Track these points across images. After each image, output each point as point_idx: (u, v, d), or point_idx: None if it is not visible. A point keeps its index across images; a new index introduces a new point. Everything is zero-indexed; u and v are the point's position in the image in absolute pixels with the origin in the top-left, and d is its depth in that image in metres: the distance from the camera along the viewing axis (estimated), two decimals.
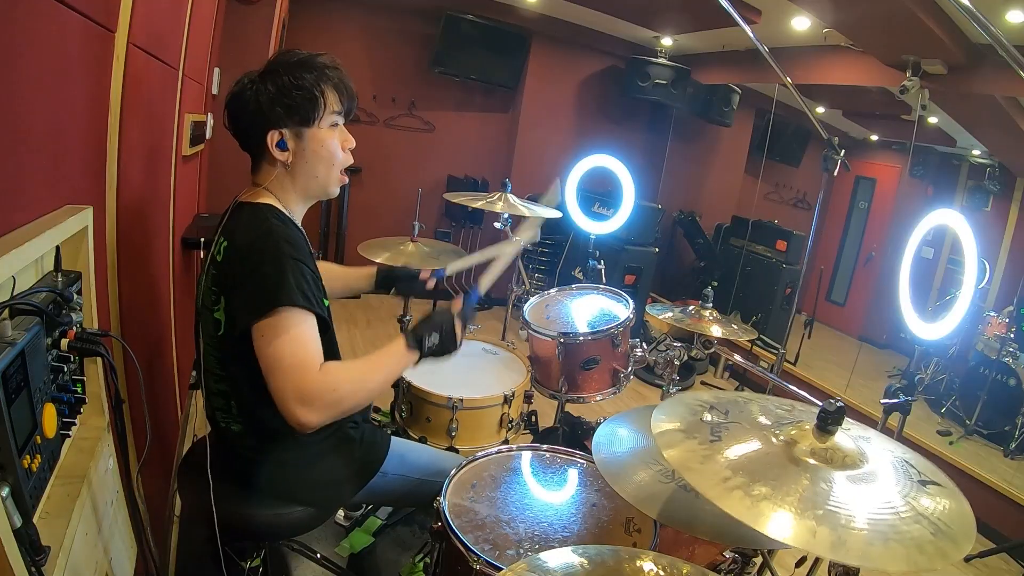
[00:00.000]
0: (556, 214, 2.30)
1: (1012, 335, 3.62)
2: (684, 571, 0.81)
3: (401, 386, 1.93)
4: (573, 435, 2.14)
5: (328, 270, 1.48)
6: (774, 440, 0.90)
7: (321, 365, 1.04)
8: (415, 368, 1.21)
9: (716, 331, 1.94)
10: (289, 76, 1.13)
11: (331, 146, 1.19)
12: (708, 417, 0.96)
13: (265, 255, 1.06)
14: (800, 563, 1.43)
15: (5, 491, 0.66)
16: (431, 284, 1.60)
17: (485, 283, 1.40)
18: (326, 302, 1.21)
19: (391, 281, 1.62)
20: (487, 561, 1.05)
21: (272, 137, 1.14)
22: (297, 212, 1.22)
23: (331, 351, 1.26)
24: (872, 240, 5.23)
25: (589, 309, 2.04)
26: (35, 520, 0.72)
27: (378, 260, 2.28)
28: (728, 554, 1.33)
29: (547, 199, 2.23)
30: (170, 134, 1.73)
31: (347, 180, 1.27)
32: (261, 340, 1.03)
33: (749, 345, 4.21)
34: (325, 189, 1.23)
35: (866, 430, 0.99)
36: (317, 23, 4.23)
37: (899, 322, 2.29)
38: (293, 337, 1.03)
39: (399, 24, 4.47)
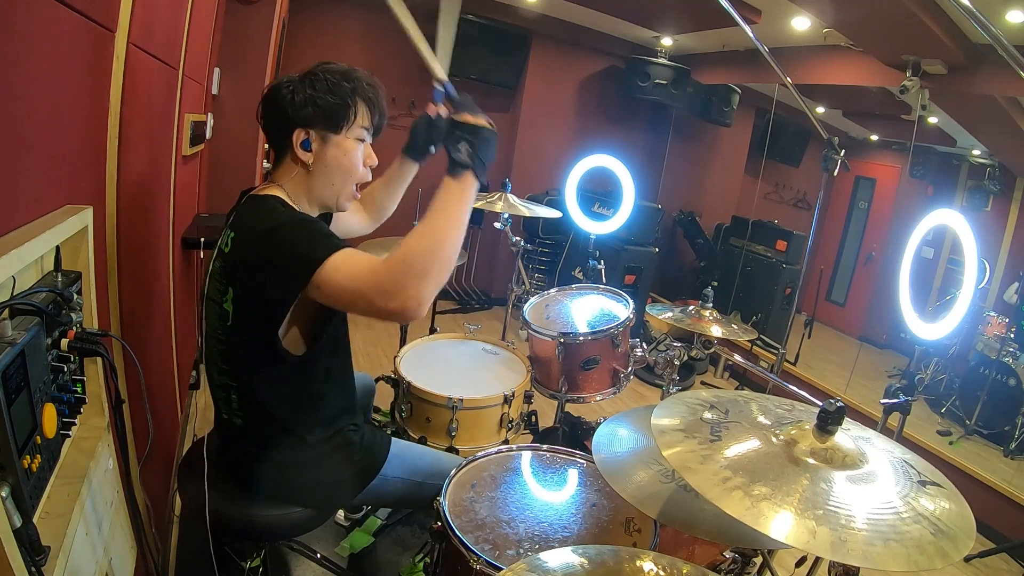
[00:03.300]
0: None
1: (1012, 335, 3.62)
2: (684, 571, 0.81)
3: (401, 386, 1.93)
4: (573, 435, 2.14)
5: (368, 192, 1.50)
6: (774, 440, 0.90)
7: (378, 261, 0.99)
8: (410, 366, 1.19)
9: (716, 331, 1.94)
10: (327, 80, 1.15)
11: (353, 158, 1.20)
12: (708, 416, 0.96)
13: (282, 230, 1.05)
14: (800, 563, 1.43)
15: (5, 491, 0.66)
16: (445, 111, 1.33)
17: (441, 62, 1.27)
18: None
19: (421, 144, 1.47)
20: (487, 561, 1.05)
21: (298, 136, 1.15)
22: (305, 211, 1.22)
23: (343, 346, 1.27)
24: (872, 240, 5.24)
25: (589, 309, 2.04)
26: (35, 520, 0.72)
27: None
28: (728, 554, 1.33)
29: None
30: (170, 134, 1.73)
31: (359, 197, 1.28)
32: (320, 291, 0.99)
33: (749, 345, 4.22)
34: (337, 200, 1.23)
35: (866, 430, 0.99)
36: (317, 23, 4.22)
37: (899, 322, 2.29)
38: (346, 268, 0.99)
39: (399, 24, 4.47)
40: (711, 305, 2.02)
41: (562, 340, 1.80)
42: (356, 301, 0.98)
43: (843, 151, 2.30)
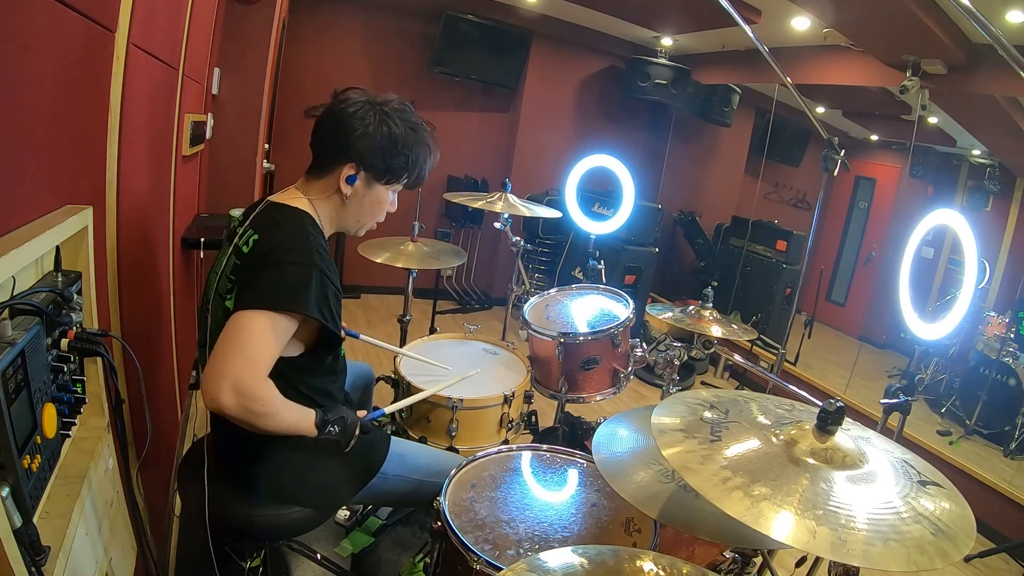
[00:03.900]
0: None
1: (1012, 335, 3.62)
2: (684, 571, 0.81)
3: (401, 386, 1.93)
4: (573, 435, 2.14)
5: None
6: (774, 440, 0.90)
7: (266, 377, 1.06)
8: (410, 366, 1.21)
9: (716, 331, 1.94)
10: (402, 129, 1.18)
11: (384, 205, 1.27)
12: (708, 416, 0.96)
13: (298, 256, 1.08)
14: (800, 563, 1.43)
15: (5, 491, 0.66)
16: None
17: (392, 407, 1.47)
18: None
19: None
20: (487, 561, 1.05)
21: (348, 169, 1.18)
22: (326, 231, 1.25)
23: (335, 367, 1.27)
24: (872, 240, 5.23)
25: (589, 309, 2.04)
26: (35, 520, 0.72)
27: (378, 260, 2.28)
28: (728, 554, 1.33)
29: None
30: (170, 134, 1.73)
31: (375, 227, 1.33)
32: (246, 320, 1.03)
33: (749, 345, 4.21)
34: (355, 230, 1.30)
35: (866, 430, 0.99)
36: (317, 23, 4.22)
37: (899, 322, 2.28)
38: (271, 339, 1.05)
39: (399, 24, 4.47)
40: (711, 305, 2.02)
41: (562, 340, 1.80)
42: (229, 347, 1.02)
43: (843, 151, 2.30)
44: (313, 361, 1.19)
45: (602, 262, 2.73)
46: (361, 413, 1.30)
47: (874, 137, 5.10)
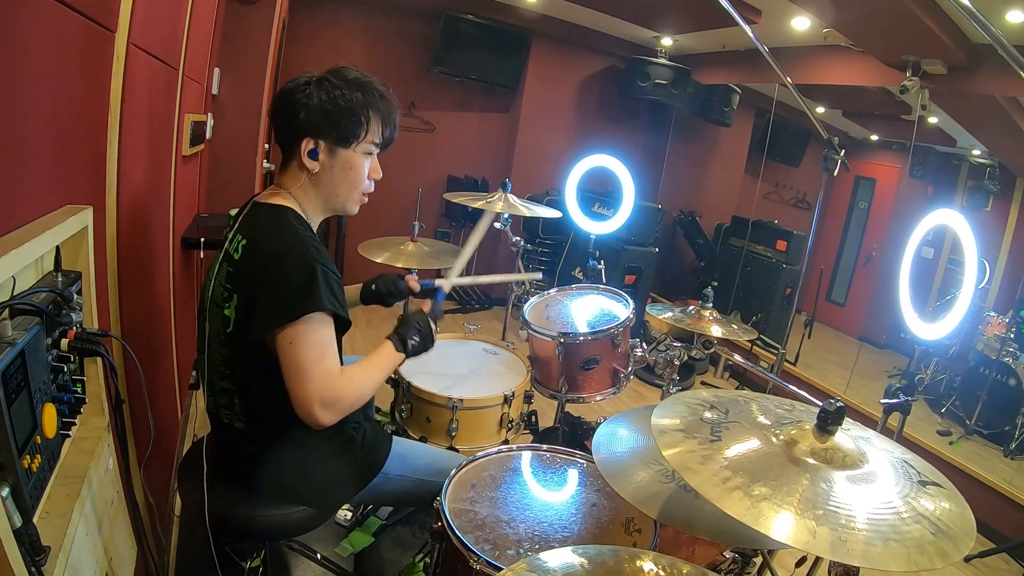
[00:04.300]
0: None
1: (1012, 335, 3.62)
2: (684, 571, 0.81)
3: (401, 386, 1.93)
4: (573, 435, 2.14)
5: None
6: (774, 440, 0.90)
7: (342, 370, 1.10)
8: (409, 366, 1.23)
9: (716, 331, 1.93)
10: (341, 90, 1.15)
11: (359, 171, 1.22)
12: (708, 416, 0.96)
13: (294, 260, 1.08)
14: (800, 563, 1.43)
15: (5, 491, 0.66)
16: (415, 286, 1.59)
17: (453, 276, 1.52)
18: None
19: (376, 298, 1.60)
20: (487, 561, 1.05)
21: (306, 144, 1.16)
22: (315, 220, 1.24)
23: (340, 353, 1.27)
24: (872, 240, 5.23)
25: (589, 309, 2.04)
26: (35, 520, 0.72)
27: (378, 260, 2.28)
28: (728, 554, 1.33)
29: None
30: (170, 134, 1.73)
31: (367, 200, 1.29)
32: (287, 344, 1.05)
33: (749, 345, 4.21)
34: (344, 206, 1.26)
35: (866, 430, 0.99)
36: (317, 23, 4.22)
37: (899, 322, 2.29)
38: (318, 343, 1.07)
39: (399, 24, 4.47)
40: (711, 305, 2.02)
41: (562, 340, 1.80)
42: (299, 379, 1.06)
43: (843, 151, 2.30)
44: None
45: (602, 262, 2.73)
46: (425, 304, 1.35)
47: (874, 137, 5.10)
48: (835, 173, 2.34)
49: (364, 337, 3.77)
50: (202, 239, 2.12)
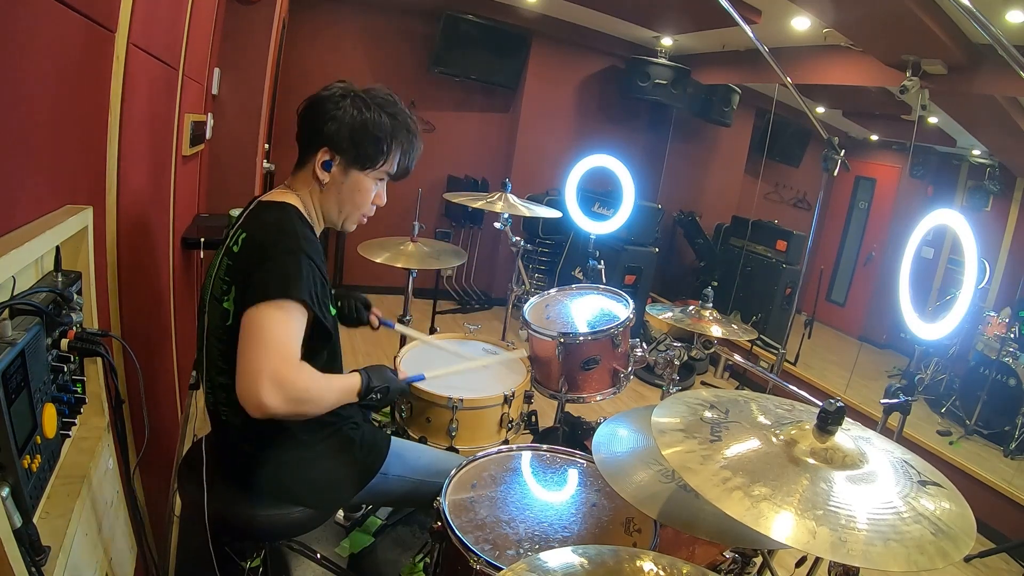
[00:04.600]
0: None
1: (1012, 335, 3.62)
2: (684, 571, 0.81)
3: None
4: (573, 435, 2.14)
5: None
6: (774, 440, 0.90)
7: (299, 362, 1.06)
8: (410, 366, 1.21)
9: (716, 331, 1.93)
10: (373, 114, 1.15)
11: (366, 195, 1.23)
12: (708, 416, 0.96)
13: (285, 245, 1.08)
14: (800, 563, 1.43)
15: (5, 491, 0.66)
16: (374, 323, 1.64)
17: (433, 375, 1.53)
18: (333, 311, 1.22)
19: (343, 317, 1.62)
20: (487, 561, 1.05)
21: (323, 155, 1.17)
22: (315, 224, 1.24)
23: (334, 360, 1.27)
24: (872, 240, 5.23)
25: (589, 309, 2.04)
26: (35, 520, 0.72)
27: (378, 260, 2.28)
28: (728, 554, 1.33)
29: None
30: (170, 134, 1.73)
31: (365, 222, 1.30)
32: (254, 318, 1.03)
33: (749, 345, 4.21)
34: (342, 224, 1.27)
35: (866, 430, 0.99)
36: (317, 23, 4.23)
37: (899, 322, 2.28)
38: (287, 327, 1.05)
39: (399, 24, 4.47)
40: (711, 305, 2.02)
41: (562, 340, 1.80)
42: (254, 349, 1.02)
43: (843, 151, 2.30)
44: (307, 355, 1.18)
45: (602, 262, 2.73)
46: (403, 374, 1.32)
47: (874, 137, 5.11)
48: (835, 173, 2.34)
49: (364, 337, 3.77)
50: (202, 239, 2.12)
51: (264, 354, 1.01)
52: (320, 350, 1.20)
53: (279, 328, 1.04)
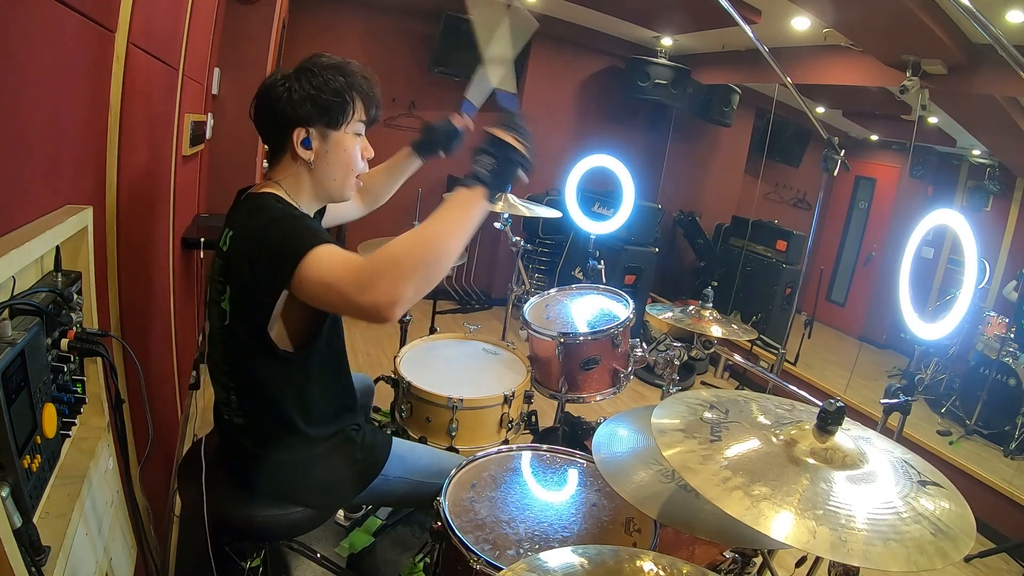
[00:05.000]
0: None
1: (1012, 335, 3.62)
2: (684, 571, 0.81)
3: (401, 386, 1.93)
4: (573, 435, 2.14)
5: (367, 177, 1.37)
6: (774, 440, 0.90)
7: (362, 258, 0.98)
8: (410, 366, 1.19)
9: (716, 331, 1.93)
10: (323, 76, 1.14)
11: (353, 152, 1.22)
12: (708, 416, 0.96)
13: (270, 224, 1.06)
14: (800, 563, 1.43)
15: (5, 491, 0.66)
16: (469, 123, 1.53)
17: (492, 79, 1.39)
18: None
19: (433, 145, 1.55)
20: (487, 561, 1.05)
21: (298, 135, 1.15)
22: (306, 206, 1.23)
23: (337, 343, 1.26)
24: (872, 240, 5.24)
25: (589, 309, 2.04)
26: (35, 520, 0.72)
27: None
28: (728, 554, 1.33)
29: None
30: (170, 134, 1.73)
31: (361, 184, 1.29)
32: (302, 287, 0.98)
33: (749, 345, 4.21)
34: (341, 192, 1.25)
35: (866, 430, 0.99)
36: (317, 23, 4.23)
37: (899, 322, 2.29)
38: (333, 258, 0.98)
39: (399, 24, 4.47)
40: (711, 305, 2.02)
41: (562, 340, 1.80)
42: (331, 296, 0.97)
43: (843, 151, 2.30)
44: (308, 355, 1.16)
45: (602, 262, 2.74)
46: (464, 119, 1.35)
47: (874, 137, 5.11)
48: (835, 173, 2.34)
49: (364, 337, 3.77)
50: (202, 239, 2.12)
51: (335, 290, 0.94)
52: (317, 336, 1.16)
53: (327, 267, 0.97)
